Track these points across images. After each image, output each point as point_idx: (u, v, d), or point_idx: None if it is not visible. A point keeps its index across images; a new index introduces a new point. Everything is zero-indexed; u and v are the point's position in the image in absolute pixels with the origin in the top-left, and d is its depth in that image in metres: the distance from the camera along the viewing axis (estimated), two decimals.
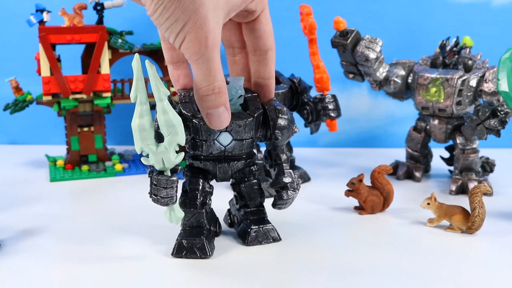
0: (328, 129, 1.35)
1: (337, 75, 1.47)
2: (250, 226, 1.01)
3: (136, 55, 0.84)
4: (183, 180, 1.00)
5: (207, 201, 0.99)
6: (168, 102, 0.85)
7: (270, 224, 1.02)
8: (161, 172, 0.89)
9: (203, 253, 0.94)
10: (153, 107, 0.94)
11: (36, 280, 0.87)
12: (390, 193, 1.17)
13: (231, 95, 0.95)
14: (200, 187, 0.98)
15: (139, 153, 0.88)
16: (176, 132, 0.86)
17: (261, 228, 1.01)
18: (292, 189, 0.99)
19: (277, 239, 1.02)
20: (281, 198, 0.98)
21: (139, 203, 1.20)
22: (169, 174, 0.89)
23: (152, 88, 0.85)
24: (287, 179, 0.99)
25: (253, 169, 1.01)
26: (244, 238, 1.01)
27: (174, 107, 0.90)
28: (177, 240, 0.95)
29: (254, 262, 0.94)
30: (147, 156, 0.88)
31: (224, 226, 1.08)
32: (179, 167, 0.92)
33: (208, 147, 0.94)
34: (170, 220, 0.91)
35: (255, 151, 1.03)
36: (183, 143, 0.87)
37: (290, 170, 1.00)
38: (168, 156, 0.87)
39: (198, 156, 0.98)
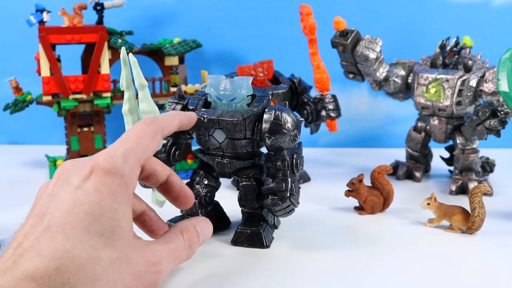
0: (328, 129, 1.35)
1: (337, 75, 1.47)
2: (240, 225, 1.02)
3: (123, 48, 0.92)
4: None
5: (203, 193, 1.02)
6: (146, 92, 0.93)
7: (261, 229, 1.00)
8: None
9: None
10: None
11: None
12: (390, 193, 1.17)
13: (234, 94, 0.95)
14: (198, 178, 1.03)
15: None
16: None
17: (248, 231, 1.00)
18: (281, 197, 0.95)
19: (263, 245, 0.99)
20: (267, 203, 0.96)
21: None
22: None
23: (134, 78, 0.92)
24: (276, 185, 0.95)
25: (255, 171, 1.00)
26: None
27: (184, 99, 1.00)
28: (166, 222, 1.00)
29: (247, 262, 0.94)
30: None
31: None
32: (161, 155, 0.99)
33: (205, 142, 0.97)
34: (153, 203, 1.00)
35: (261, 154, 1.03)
36: None
37: (287, 178, 0.96)
38: None
39: (202, 150, 1.02)
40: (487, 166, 1.40)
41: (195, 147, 1.57)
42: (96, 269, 0.64)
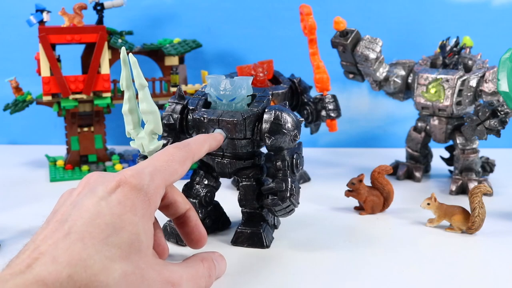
0: (328, 129, 1.35)
1: (337, 75, 1.47)
2: (240, 225, 1.02)
3: (123, 48, 0.91)
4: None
5: (203, 193, 1.02)
6: (146, 92, 0.92)
7: (261, 229, 1.00)
8: (145, 157, 0.95)
9: (180, 239, 0.99)
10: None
11: None
12: (390, 193, 1.17)
13: (234, 95, 0.95)
14: (198, 178, 1.03)
15: (127, 136, 0.96)
16: (151, 120, 0.92)
17: (248, 231, 1.00)
18: (281, 197, 0.95)
19: (263, 245, 0.99)
20: (267, 203, 0.96)
21: None
22: None
23: (134, 78, 0.91)
24: (276, 185, 0.96)
25: (255, 171, 1.00)
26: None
27: (184, 99, 1.00)
28: (165, 223, 1.01)
29: (247, 262, 0.94)
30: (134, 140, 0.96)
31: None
32: None
33: None
34: None
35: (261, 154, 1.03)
36: (159, 132, 0.93)
37: (287, 178, 0.96)
38: (145, 142, 0.93)
39: None
40: (487, 166, 1.40)
41: None
42: (108, 280, 0.64)
